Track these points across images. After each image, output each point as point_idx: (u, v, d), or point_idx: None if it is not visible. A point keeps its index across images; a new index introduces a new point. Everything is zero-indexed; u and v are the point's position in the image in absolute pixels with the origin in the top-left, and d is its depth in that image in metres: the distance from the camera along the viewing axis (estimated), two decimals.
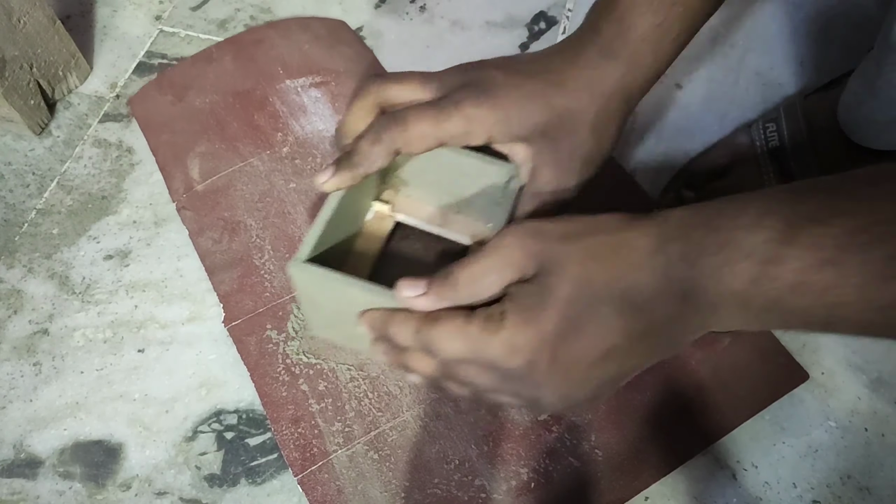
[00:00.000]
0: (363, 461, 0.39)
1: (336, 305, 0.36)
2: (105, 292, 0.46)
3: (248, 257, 0.46)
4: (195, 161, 0.51)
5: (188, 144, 0.52)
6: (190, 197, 0.49)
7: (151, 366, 0.44)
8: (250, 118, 0.53)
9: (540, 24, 0.60)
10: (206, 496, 0.40)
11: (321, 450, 0.39)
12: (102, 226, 0.49)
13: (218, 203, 0.49)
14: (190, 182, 0.50)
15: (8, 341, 0.45)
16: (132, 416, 0.42)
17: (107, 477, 0.40)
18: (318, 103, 0.53)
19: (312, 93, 0.54)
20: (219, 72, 0.56)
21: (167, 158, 0.51)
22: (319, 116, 0.53)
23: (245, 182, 0.50)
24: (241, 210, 0.48)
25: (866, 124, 0.41)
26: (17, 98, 0.50)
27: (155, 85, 0.55)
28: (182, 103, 0.54)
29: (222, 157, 0.51)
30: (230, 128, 0.52)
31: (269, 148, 0.51)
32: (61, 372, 0.44)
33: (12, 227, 0.49)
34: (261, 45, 0.57)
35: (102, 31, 0.60)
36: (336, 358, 0.42)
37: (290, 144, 0.51)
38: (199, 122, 0.53)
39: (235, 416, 0.42)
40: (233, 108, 0.53)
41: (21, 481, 0.40)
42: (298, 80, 0.55)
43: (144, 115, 0.54)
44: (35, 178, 0.52)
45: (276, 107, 0.53)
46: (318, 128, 0.52)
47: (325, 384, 0.41)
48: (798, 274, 0.25)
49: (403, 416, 0.40)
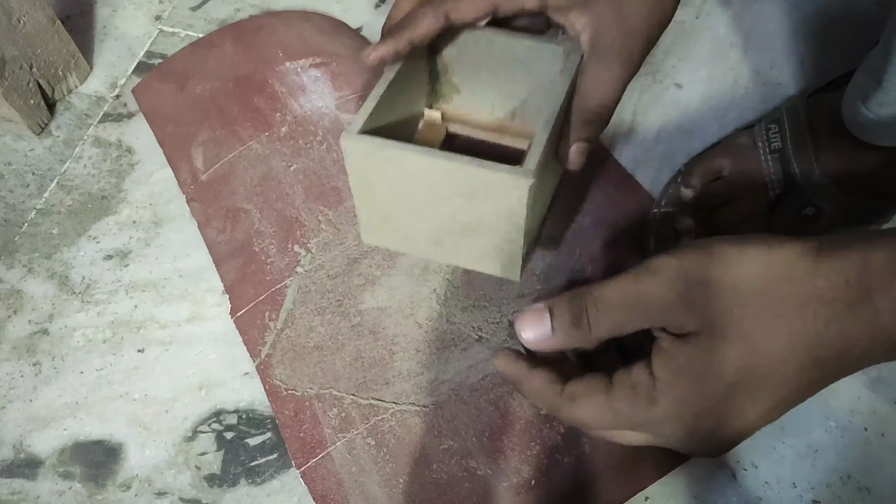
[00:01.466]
0: (361, 449, 0.39)
1: (395, 188, 0.32)
2: (105, 292, 0.46)
3: (248, 245, 0.46)
4: (199, 150, 0.51)
5: (191, 134, 0.51)
6: (197, 188, 0.49)
7: (151, 366, 0.44)
8: (249, 101, 0.52)
9: None
10: (205, 496, 0.40)
11: (320, 439, 0.39)
12: (102, 226, 0.49)
13: (220, 191, 0.49)
14: (195, 172, 0.50)
15: (8, 341, 0.45)
16: (132, 416, 0.42)
17: (107, 477, 0.40)
18: (317, 82, 0.52)
19: (312, 72, 0.53)
20: (218, 58, 0.55)
21: (173, 150, 0.51)
22: (319, 94, 0.52)
23: (245, 167, 0.49)
24: (242, 196, 0.48)
25: (870, 120, 0.41)
26: (17, 98, 0.50)
27: (157, 75, 0.55)
28: (184, 92, 0.54)
29: (223, 143, 0.50)
30: (230, 112, 0.52)
31: (268, 129, 0.50)
32: (61, 372, 0.44)
33: (12, 227, 0.49)
34: (261, 31, 0.56)
35: (102, 31, 0.60)
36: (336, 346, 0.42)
37: (288, 124, 0.50)
38: (201, 109, 0.52)
39: (235, 416, 0.42)
40: (232, 92, 0.53)
41: (21, 481, 0.40)
42: (298, 62, 0.53)
43: (149, 106, 0.54)
44: (35, 178, 0.52)
45: (274, 88, 0.52)
46: (316, 105, 0.51)
47: (323, 373, 0.41)
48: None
49: (402, 406, 0.40)
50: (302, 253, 0.46)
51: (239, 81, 0.53)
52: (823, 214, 0.41)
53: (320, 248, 0.46)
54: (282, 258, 0.45)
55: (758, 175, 0.44)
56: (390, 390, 0.41)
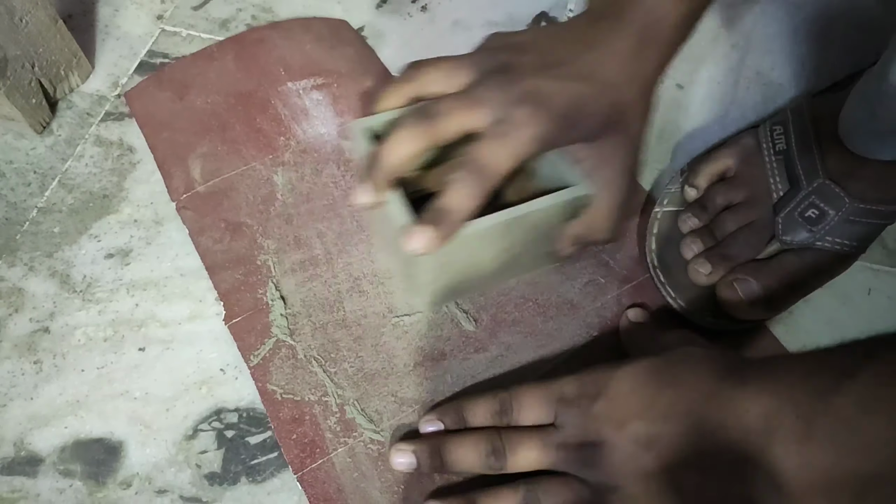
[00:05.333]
0: (362, 455, 0.39)
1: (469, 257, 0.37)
2: (106, 291, 0.47)
3: (249, 257, 0.46)
4: (197, 162, 0.51)
5: (190, 144, 0.52)
6: (191, 197, 0.49)
7: (152, 364, 0.44)
8: (252, 121, 0.53)
9: (541, 25, 0.60)
10: (206, 494, 0.40)
11: (320, 444, 0.39)
12: (103, 224, 0.49)
13: (220, 204, 0.49)
14: (191, 182, 0.50)
15: (9, 339, 0.45)
16: (133, 414, 0.42)
17: (107, 475, 0.40)
18: (319, 106, 0.54)
19: (314, 95, 0.54)
20: (220, 71, 0.56)
21: (166, 157, 0.51)
22: (321, 120, 0.53)
23: (248, 185, 0.50)
24: (244, 212, 0.48)
25: (867, 138, 0.41)
26: (19, 97, 0.50)
27: (154, 81, 0.55)
28: (183, 102, 0.54)
29: (224, 159, 0.51)
30: (232, 130, 0.52)
31: (272, 152, 0.51)
32: (62, 370, 0.44)
33: (13, 226, 0.49)
34: (262, 45, 0.57)
35: (104, 30, 0.60)
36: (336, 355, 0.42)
37: (291, 149, 0.51)
38: (201, 122, 0.53)
39: (236, 414, 0.42)
40: (234, 109, 0.53)
41: (21, 479, 0.40)
42: (300, 83, 0.55)
43: (143, 110, 0.54)
44: (36, 176, 0.52)
45: (277, 109, 0.53)
46: (319, 132, 0.52)
47: (324, 382, 0.41)
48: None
49: (404, 414, 0.40)
50: (305, 268, 0.46)
51: (241, 98, 0.54)
52: (826, 216, 0.41)
53: (324, 264, 0.46)
54: (283, 271, 0.46)
55: (762, 176, 0.44)
56: (392, 399, 0.41)
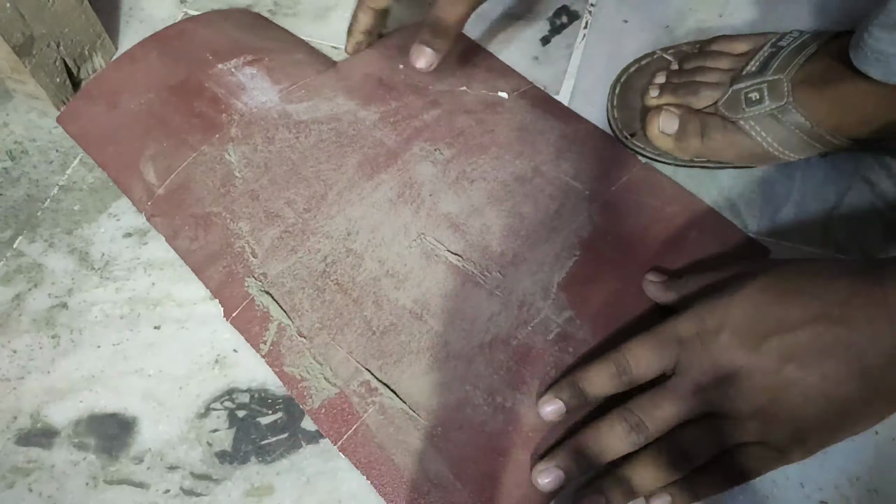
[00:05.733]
0: (392, 410, 0.40)
1: None
2: (123, 269, 0.47)
3: (227, 246, 0.46)
4: (148, 165, 0.49)
5: (136, 150, 0.50)
6: (156, 203, 0.48)
7: (167, 343, 0.44)
8: (190, 108, 0.51)
9: (562, 18, 0.60)
10: (216, 472, 0.40)
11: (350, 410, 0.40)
12: (122, 204, 0.50)
13: (184, 201, 0.48)
14: (150, 188, 0.48)
15: (28, 314, 0.45)
16: (146, 391, 0.43)
17: (120, 449, 0.41)
18: (255, 79, 0.52)
19: (247, 70, 0.53)
20: (147, 71, 0.53)
21: (119, 170, 0.50)
22: (260, 90, 0.52)
23: (203, 172, 0.48)
24: (208, 201, 0.47)
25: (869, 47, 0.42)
26: (44, 75, 0.51)
27: (83, 98, 0.53)
28: (117, 110, 0.52)
29: (173, 153, 0.49)
30: (172, 122, 0.51)
31: (217, 131, 0.50)
32: (79, 345, 0.44)
33: (35, 203, 0.50)
34: (184, 37, 0.55)
35: (128, 12, 0.61)
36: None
37: (236, 123, 0.50)
38: (141, 125, 0.51)
39: (248, 394, 0.43)
40: (170, 102, 0.52)
41: (37, 450, 0.41)
42: (231, 62, 0.53)
43: (80, 131, 0.52)
44: (58, 154, 0.52)
45: (213, 91, 0.52)
46: (260, 100, 0.51)
47: (336, 349, 0.42)
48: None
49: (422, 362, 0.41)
50: (285, 241, 0.46)
51: (174, 90, 0.52)
52: (762, 103, 0.45)
53: (302, 233, 0.46)
54: (264, 251, 0.45)
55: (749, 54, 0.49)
56: (408, 349, 0.42)
